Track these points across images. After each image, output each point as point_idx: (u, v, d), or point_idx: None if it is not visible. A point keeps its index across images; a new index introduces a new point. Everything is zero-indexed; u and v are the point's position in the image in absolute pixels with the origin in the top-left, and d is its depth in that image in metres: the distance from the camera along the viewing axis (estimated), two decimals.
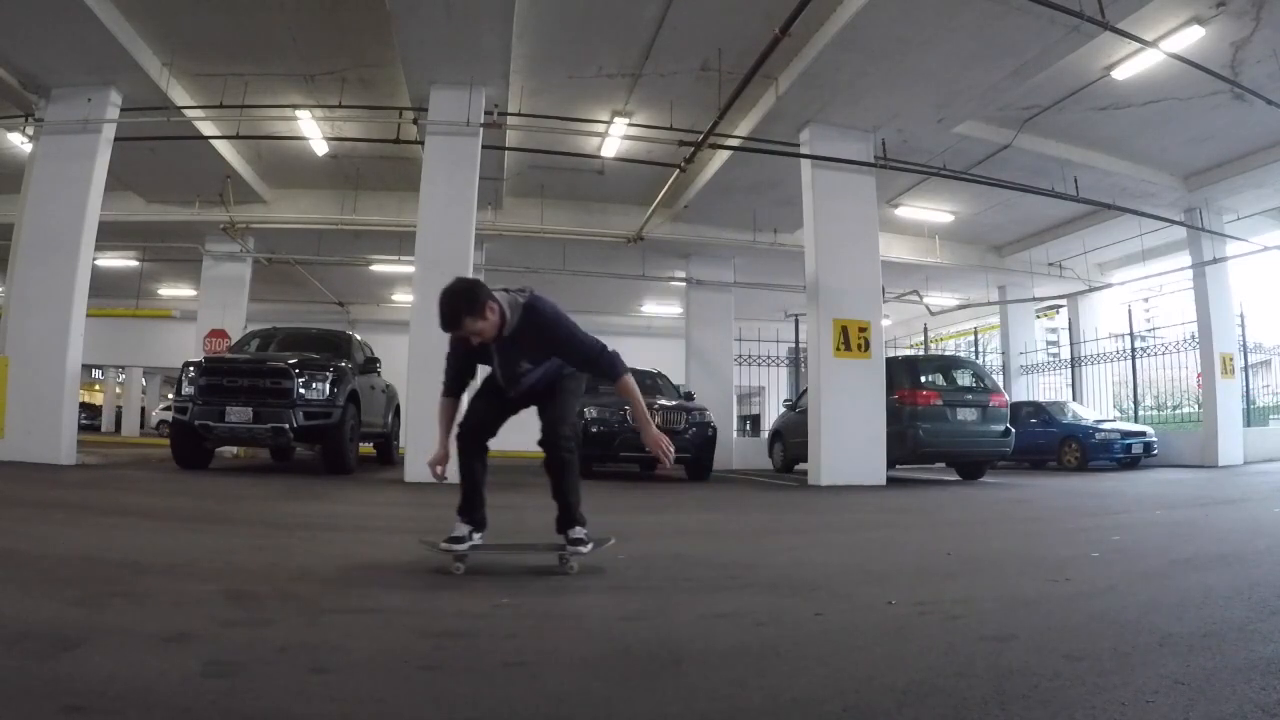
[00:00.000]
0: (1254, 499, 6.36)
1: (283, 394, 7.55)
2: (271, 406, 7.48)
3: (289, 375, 7.62)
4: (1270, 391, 19.91)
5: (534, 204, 12.42)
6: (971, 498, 7.27)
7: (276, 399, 7.52)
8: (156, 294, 18.38)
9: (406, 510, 5.49)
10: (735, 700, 1.56)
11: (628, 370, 2.99)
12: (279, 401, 7.51)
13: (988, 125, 9.57)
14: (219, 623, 2.05)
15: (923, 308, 15.65)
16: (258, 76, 8.74)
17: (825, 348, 8.52)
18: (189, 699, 1.46)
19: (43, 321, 7.99)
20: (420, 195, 8.14)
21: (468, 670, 1.75)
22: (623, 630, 2.14)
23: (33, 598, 2.25)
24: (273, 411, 7.47)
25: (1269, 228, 12.84)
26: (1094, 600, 2.51)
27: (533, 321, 2.82)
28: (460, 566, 2.86)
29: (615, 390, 2.98)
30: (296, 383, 7.60)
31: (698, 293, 13.98)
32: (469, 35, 7.23)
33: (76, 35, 7.42)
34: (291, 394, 7.55)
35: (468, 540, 2.95)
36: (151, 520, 4.25)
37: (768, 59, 7.08)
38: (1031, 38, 7.00)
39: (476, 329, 2.71)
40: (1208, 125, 9.61)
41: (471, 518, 3.01)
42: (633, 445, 8.89)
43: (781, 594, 2.65)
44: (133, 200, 12.04)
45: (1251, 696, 1.52)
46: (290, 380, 7.59)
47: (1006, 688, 1.59)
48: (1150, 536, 4.21)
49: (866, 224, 9.06)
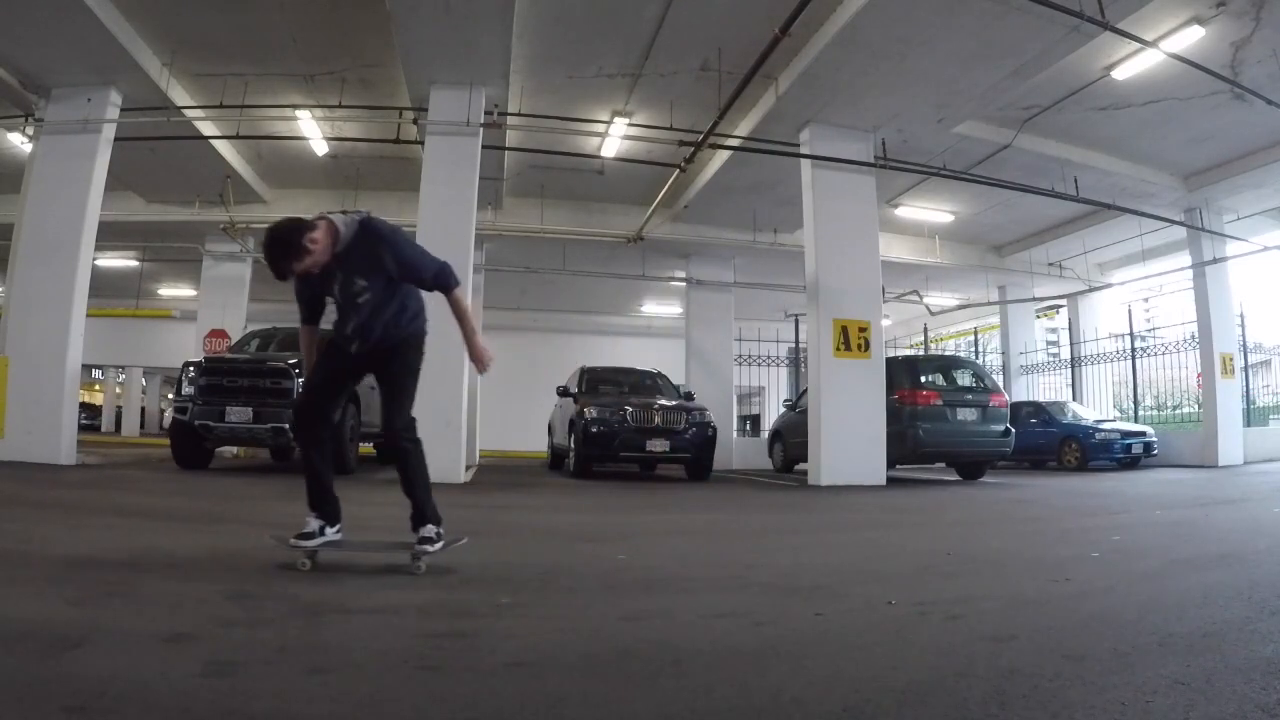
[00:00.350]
0: (1254, 499, 6.36)
1: (283, 394, 7.55)
2: (271, 406, 7.48)
3: (289, 375, 7.62)
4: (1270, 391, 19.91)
5: (534, 204, 12.41)
6: (971, 498, 7.27)
7: (276, 399, 7.52)
8: (156, 294, 18.38)
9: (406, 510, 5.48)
10: (735, 700, 1.56)
11: (460, 283, 3.02)
12: (279, 401, 7.50)
13: (988, 125, 9.56)
14: (219, 623, 2.05)
15: (923, 308, 15.65)
16: (258, 76, 8.74)
17: (825, 348, 8.53)
18: (189, 699, 1.46)
19: (43, 321, 7.99)
20: (420, 195, 8.14)
21: (468, 670, 1.75)
22: (623, 630, 2.14)
23: (33, 598, 2.25)
24: (273, 411, 7.46)
25: (1269, 228, 12.83)
26: (1094, 600, 2.51)
27: (368, 235, 2.83)
28: (307, 563, 2.81)
29: (450, 303, 2.96)
30: (296, 383, 7.60)
31: (698, 293, 13.98)
32: (469, 35, 7.23)
33: (76, 35, 7.41)
34: (291, 394, 7.54)
35: (318, 536, 2.88)
36: (151, 520, 4.25)
37: (768, 59, 7.08)
38: (1031, 38, 7.00)
39: (306, 264, 2.69)
40: (1208, 125, 9.60)
41: (322, 511, 2.94)
42: (633, 445, 8.90)
43: (781, 594, 2.65)
44: (133, 200, 12.04)
45: (1251, 696, 1.52)
46: (290, 380, 7.59)
47: (1006, 688, 1.59)
48: (1150, 536, 4.21)
49: (866, 224, 9.06)
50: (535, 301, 18.44)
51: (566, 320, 19.98)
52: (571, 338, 19.55)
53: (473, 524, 4.84)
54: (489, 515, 5.36)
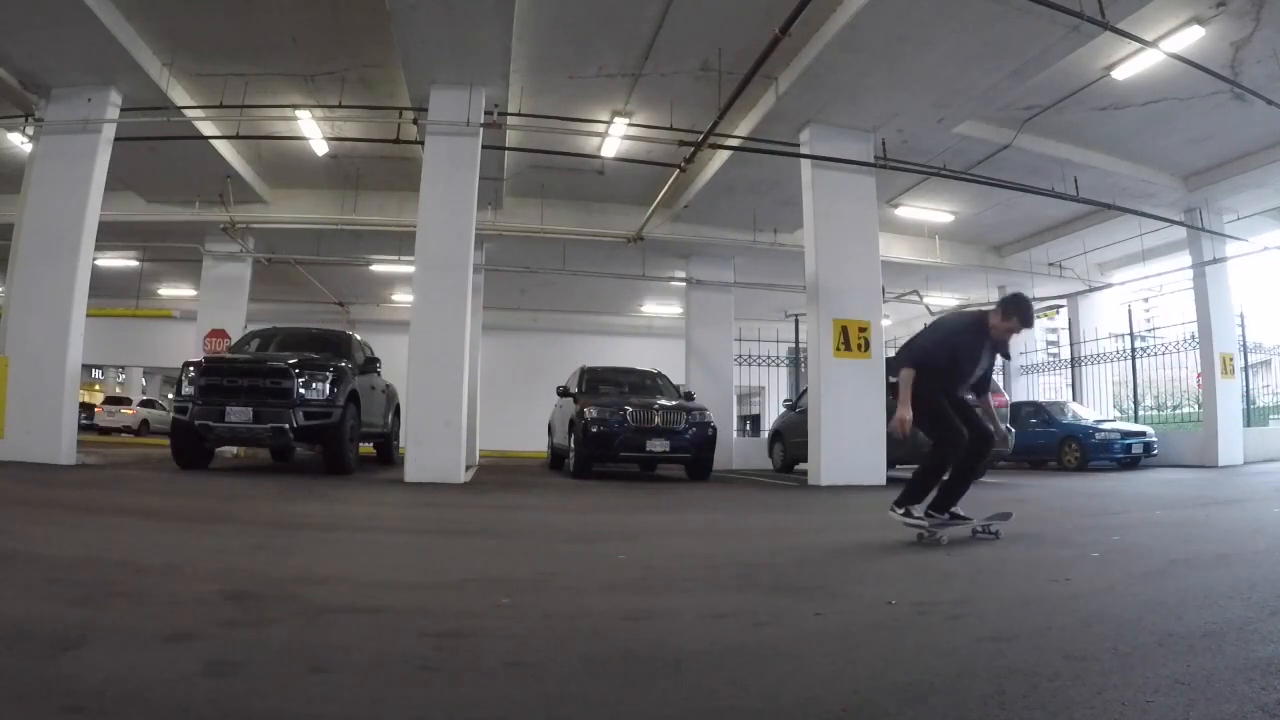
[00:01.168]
0: (1254, 499, 6.36)
1: (283, 394, 7.54)
2: (271, 406, 7.47)
3: (289, 375, 7.61)
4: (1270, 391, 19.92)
5: (534, 204, 12.41)
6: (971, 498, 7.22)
7: (276, 399, 7.51)
8: (156, 294, 18.37)
9: (407, 510, 5.49)
10: (736, 700, 1.56)
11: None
12: (279, 401, 7.50)
13: (988, 125, 9.56)
14: (219, 623, 2.05)
15: (923, 308, 15.65)
16: (258, 76, 8.74)
17: (825, 348, 8.53)
18: (189, 699, 1.46)
19: (43, 321, 7.99)
20: (420, 195, 8.13)
21: (468, 670, 1.75)
22: (623, 630, 2.14)
23: (33, 598, 2.25)
24: (273, 411, 7.46)
25: (1269, 228, 12.83)
26: (1094, 600, 2.51)
27: None
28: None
29: None
30: (296, 383, 7.59)
31: (698, 293, 13.98)
32: (469, 35, 7.22)
33: (76, 35, 7.41)
34: (291, 394, 7.54)
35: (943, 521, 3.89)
36: (151, 520, 4.25)
37: (768, 59, 7.08)
38: (1031, 38, 7.00)
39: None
40: (1208, 125, 9.60)
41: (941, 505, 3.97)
42: (633, 445, 8.89)
43: (781, 594, 2.65)
44: (133, 200, 12.03)
45: (1251, 696, 1.52)
46: (290, 380, 7.58)
47: (1006, 688, 1.59)
48: (1150, 536, 4.21)
49: (866, 224, 9.06)
50: (535, 301, 18.44)
51: (566, 320, 19.98)
52: (571, 338, 19.55)
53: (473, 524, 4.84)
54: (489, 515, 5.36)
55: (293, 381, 7.58)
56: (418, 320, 7.73)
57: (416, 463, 7.43)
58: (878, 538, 4.02)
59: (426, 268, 7.89)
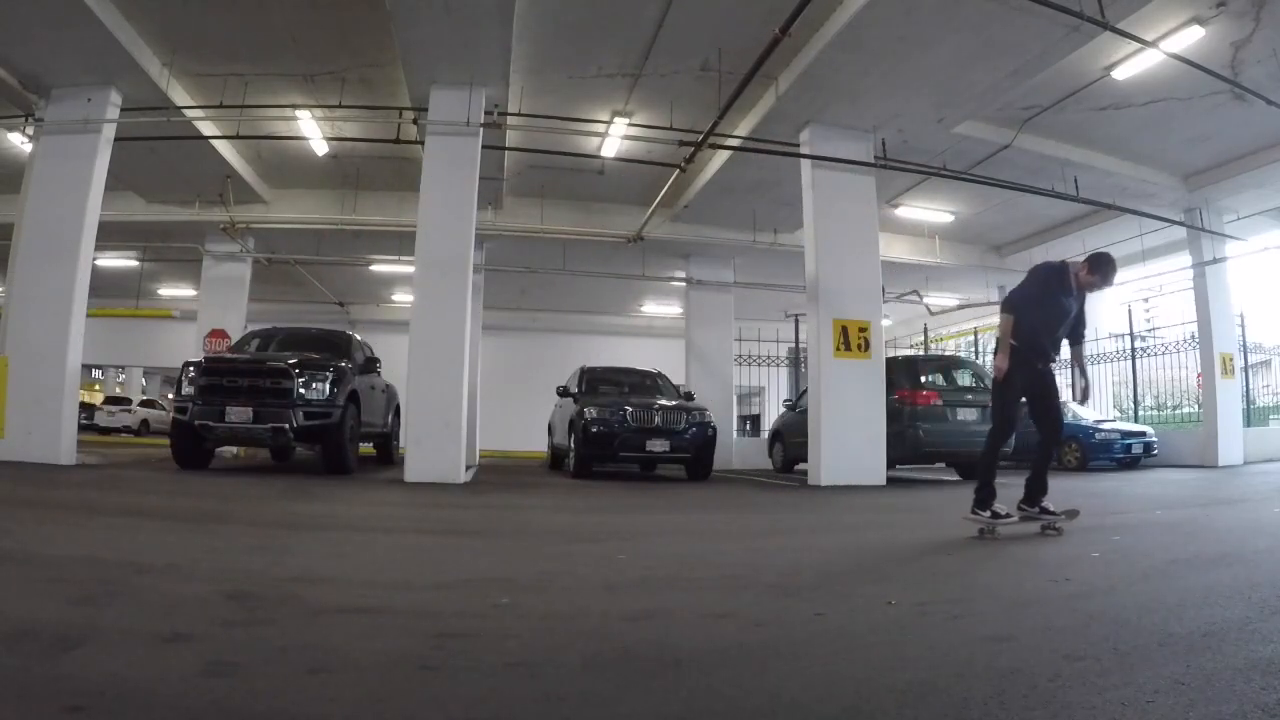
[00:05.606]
0: (1254, 499, 6.36)
1: (283, 394, 7.54)
2: (271, 406, 7.46)
3: (289, 375, 7.61)
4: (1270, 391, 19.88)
5: (534, 204, 12.41)
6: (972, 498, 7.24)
7: (276, 399, 7.51)
8: (156, 294, 18.38)
9: (406, 510, 5.49)
10: (735, 700, 1.56)
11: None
12: (279, 401, 7.50)
13: (988, 125, 9.56)
14: (219, 623, 2.05)
15: (923, 308, 15.64)
16: (258, 76, 8.73)
17: (825, 348, 8.52)
18: (189, 699, 1.46)
19: (43, 321, 7.98)
20: (420, 195, 8.13)
21: (468, 670, 1.75)
22: (623, 630, 2.14)
23: (33, 598, 2.25)
24: (273, 411, 7.45)
25: (1269, 228, 12.82)
26: (1094, 600, 2.51)
27: None
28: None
29: None
30: (296, 383, 7.59)
31: (698, 293, 13.98)
32: (469, 35, 7.22)
33: (76, 35, 7.41)
34: (291, 394, 7.54)
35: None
36: (151, 520, 4.25)
37: (768, 59, 7.07)
38: (1031, 38, 7.00)
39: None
40: (1208, 125, 9.60)
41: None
42: (632, 445, 8.89)
43: (781, 594, 2.65)
44: (133, 200, 12.03)
45: (1252, 696, 1.52)
46: (290, 380, 7.58)
47: (1006, 688, 1.59)
48: (1150, 536, 4.21)
49: (866, 224, 9.06)
50: (535, 301, 18.44)
51: (566, 320, 19.98)
52: (571, 338, 19.55)
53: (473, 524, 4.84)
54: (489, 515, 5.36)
55: (293, 381, 7.58)
56: (418, 320, 7.72)
57: (416, 463, 7.43)
58: (877, 538, 4.02)
59: (426, 268, 7.88)
